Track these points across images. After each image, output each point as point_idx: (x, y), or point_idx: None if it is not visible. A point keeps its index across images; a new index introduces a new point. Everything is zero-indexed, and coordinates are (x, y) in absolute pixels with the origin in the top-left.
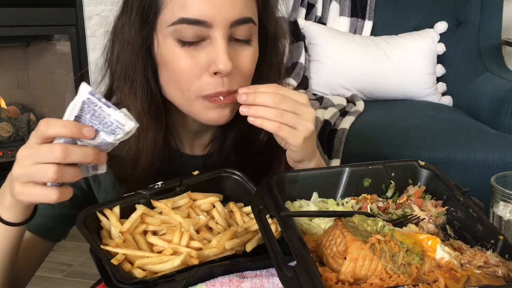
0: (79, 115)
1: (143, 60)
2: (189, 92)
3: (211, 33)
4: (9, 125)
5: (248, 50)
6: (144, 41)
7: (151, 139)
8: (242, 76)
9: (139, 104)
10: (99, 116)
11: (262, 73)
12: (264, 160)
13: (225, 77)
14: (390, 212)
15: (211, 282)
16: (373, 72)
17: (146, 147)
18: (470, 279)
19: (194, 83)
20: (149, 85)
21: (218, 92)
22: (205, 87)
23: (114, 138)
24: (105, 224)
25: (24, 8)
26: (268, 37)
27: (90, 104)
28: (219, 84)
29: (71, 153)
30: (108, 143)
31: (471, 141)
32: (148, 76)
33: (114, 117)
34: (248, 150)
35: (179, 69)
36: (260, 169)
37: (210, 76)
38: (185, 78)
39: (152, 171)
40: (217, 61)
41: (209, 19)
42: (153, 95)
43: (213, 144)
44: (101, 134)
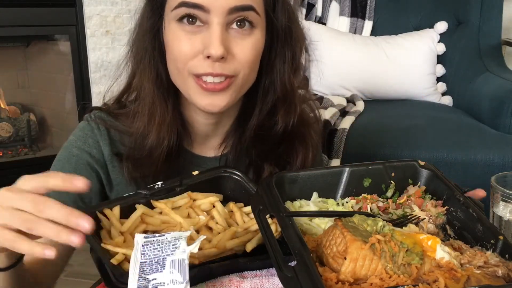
0: (143, 260)
1: (151, 43)
2: (183, 70)
3: (209, 18)
4: (9, 125)
5: (248, 38)
6: (153, 26)
7: (160, 116)
8: (240, 63)
9: (149, 83)
10: (159, 245)
11: (273, 65)
12: (282, 151)
13: (217, 62)
14: (390, 212)
15: (211, 282)
16: (373, 72)
17: (155, 123)
18: (470, 279)
19: (188, 63)
20: (157, 67)
21: (208, 72)
22: (197, 67)
23: (181, 251)
24: (105, 224)
25: (24, 8)
26: (277, 31)
27: (148, 243)
28: (209, 66)
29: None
30: (182, 259)
31: (471, 141)
32: (156, 58)
33: (171, 236)
34: (266, 143)
35: (178, 50)
36: (278, 162)
37: (203, 59)
38: (181, 58)
39: (161, 154)
40: (209, 45)
41: (207, 5)
42: (161, 77)
43: (226, 144)
44: (168, 259)
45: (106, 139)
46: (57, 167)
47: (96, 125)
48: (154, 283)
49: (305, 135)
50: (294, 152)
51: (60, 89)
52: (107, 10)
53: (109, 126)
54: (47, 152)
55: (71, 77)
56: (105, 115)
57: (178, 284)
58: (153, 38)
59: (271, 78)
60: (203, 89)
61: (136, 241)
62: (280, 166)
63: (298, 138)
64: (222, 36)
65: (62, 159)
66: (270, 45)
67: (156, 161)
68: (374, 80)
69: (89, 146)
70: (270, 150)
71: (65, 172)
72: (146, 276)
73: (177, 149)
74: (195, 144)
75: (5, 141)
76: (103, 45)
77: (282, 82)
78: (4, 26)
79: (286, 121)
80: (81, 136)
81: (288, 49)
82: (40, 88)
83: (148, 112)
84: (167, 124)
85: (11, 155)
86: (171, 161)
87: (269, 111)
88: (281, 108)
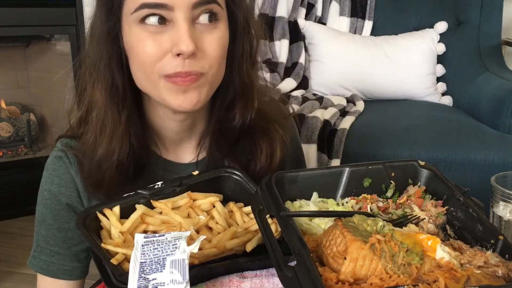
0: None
1: (107, 51)
2: (152, 74)
3: (173, 16)
4: (9, 125)
5: (214, 32)
6: (110, 31)
7: (111, 128)
8: (209, 59)
9: (103, 93)
10: (159, 244)
11: (234, 58)
12: (243, 147)
13: (187, 59)
14: (390, 212)
15: (211, 282)
16: (373, 72)
17: (104, 135)
18: (470, 279)
19: (156, 64)
20: (112, 76)
21: (177, 72)
22: (166, 67)
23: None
24: (105, 224)
25: (24, 8)
26: (237, 23)
27: (148, 243)
28: (179, 64)
29: None
30: (182, 259)
31: (471, 141)
32: (112, 66)
33: (171, 236)
34: (225, 139)
35: (144, 52)
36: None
37: (173, 57)
38: (149, 60)
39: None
40: (179, 42)
41: (169, 2)
42: (116, 86)
43: (202, 148)
44: (168, 259)
45: (76, 166)
46: (38, 214)
47: (64, 154)
48: (154, 283)
49: (269, 130)
50: (257, 147)
51: (60, 89)
52: None
53: (77, 152)
54: (47, 152)
55: (71, 77)
56: (70, 141)
57: (178, 284)
58: (109, 44)
59: (230, 71)
60: (176, 84)
61: (136, 241)
62: (242, 163)
63: (260, 133)
64: (190, 31)
65: (40, 203)
66: (231, 38)
67: (107, 176)
68: (374, 80)
69: (58, 185)
70: (229, 146)
71: (47, 220)
72: (146, 276)
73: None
74: (168, 150)
75: (5, 141)
76: None
77: (240, 76)
78: (4, 26)
79: (244, 116)
80: (48, 177)
81: (246, 42)
82: (40, 88)
83: (101, 124)
84: (118, 137)
85: (11, 155)
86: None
87: (227, 105)
88: (238, 102)
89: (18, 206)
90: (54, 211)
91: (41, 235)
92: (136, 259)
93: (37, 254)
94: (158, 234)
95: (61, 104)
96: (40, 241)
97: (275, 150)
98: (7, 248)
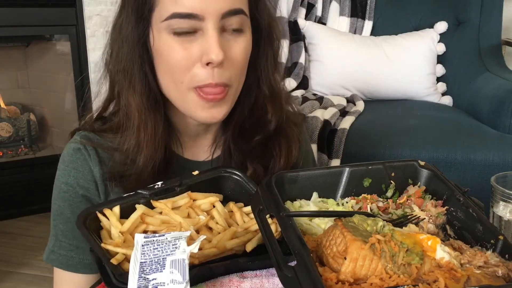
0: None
1: (140, 55)
2: (181, 84)
3: (204, 25)
4: (9, 125)
5: (240, 41)
6: (140, 36)
7: (151, 130)
8: (234, 68)
9: (138, 97)
10: (159, 244)
11: (257, 66)
12: (267, 149)
13: (216, 67)
14: (390, 212)
15: (211, 282)
16: (373, 72)
17: (147, 138)
18: (470, 279)
19: (186, 74)
20: (147, 79)
21: (208, 83)
22: (196, 78)
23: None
24: (105, 224)
25: (24, 8)
26: (261, 29)
27: (148, 243)
28: (209, 75)
29: None
30: (182, 259)
31: (471, 141)
32: (146, 70)
33: (171, 236)
34: (250, 142)
35: (173, 60)
36: (262, 160)
37: (202, 67)
38: (179, 68)
39: (152, 168)
40: (209, 51)
41: (200, 12)
42: (151, 89)
43: (217, 145)
44: (168, 259)
45: (95, 159)
46: (55, 208)
47: (83, 146)
48: (154, 283)
49: (287, 130)
50: (276, 148)
51: (60, 89)
52: (107, 10)
53: (96, 145)
54: (47, 152)
55: (71, 77)
56: (90, 134)
57: (178, 284)
58: (141, 49)
59: (254, 77)
60: (205, 100)
61: (136, 241)
62: (263, 164)
63: (279, 135)
64: (220, 40)
65: (57, 197)
66: (254, 44)
67: (150, 174)
68: (374, 80)
69: (76, 178)
70: (251, 148)
71: (65, 213)
72: (146, 276)
73: (168, 157)
74: (186, 148)
75: (5, 141)
76: (103, 45)
77: (267, 81)
78: (4, 26)
79: (277, 119)
80: (65, 170)
81: (270, 48)
82: (40, 88)
83: (138, 128)
84: (159, 138)
85: (11, 155)
86: (163, 170)
87: (258, 110)
88: (269, 107)
89: (18, 206)
90: (72, 204)
91: (59, 229)
92: (136, 259)
93: (57, 249)
94: (158, 234)
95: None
96: (59, 235)
97: (292, 149)
98: (7, 248)
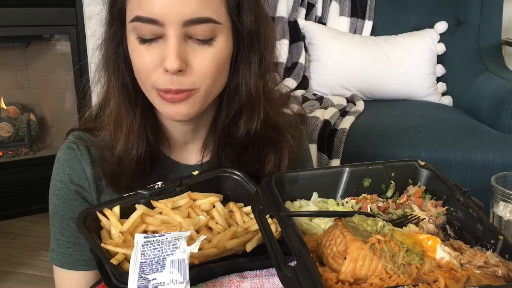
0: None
1: (114, 53)
2: (146, 84)
3: (165, 32)
4: (9, 125)
5: (207, 50)
6: (115, 35)
7: (127, 125)
8: (199, 75)
9: (115, 92)
10: (159, 244)
11: (239, 69)
12: (250, 157)
13: (175, 75)
14: (390, 212)
15: (211, 282)
16: (373, 72)
17: (123, 133)
18: (470, 279)
19: (149, 77)
20: (122, 76)
21: (167, 88)
22: (158, 82)
23: (181, 251)
24: (105, 224)
25: (24, 8)
26: (241, 35)
27: (148, 243)
28: (169, 81)
29: None
30: (182, 259)
31: (471, 141)
32: (121, 67)
33: (171, 236)
34: (232, 149)
35: (138, 63)
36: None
37: (163, 72)
38: (142, 71)
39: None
40: (165, 59)
41: (161, 18)
42: (127, 86)
43: (206, 151)
44: (168, 259)
45: (88, 158)
46: (51, 207)
47: (76, 146)
48: (154, 283)
49: (277, 139)
50: (265, 157)
51: (60, 89)
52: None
53: (89, 145)
54: (47, 152)
55: (71, 77)
56: (83, 134)
57: (178, 284)
58: (116, 47)
59: (235, 82)
60: (165, 100)
61: (136, 241)
62: (249, 171)
63: (267, 143)
64: (179, 48)
65: (52, 195)
66: (237, 49)
67: (128, 171)
68: (374, 80)
69: (70, 176)
70: (237, 154)
71: (60, 211)
72: (146, 276)
73: (151, 157)
74: (175, 151)
75: (5, 141)
76: None
77: (247, 87)
78: (4, 26)
79: (249, 126)
80: (60, 168)
81: (254, 53)
82: (40, 88)
83: (114, 122)
84: (135, 132)
85: (11, 155)
86: (146, 169)
87: (234, 115)
88: (244, 113)
89: (18, 206)
90: (67, 201)
91: (56, 228)
92: (136, 259)
93: (56, 247)
94: (158, 234)
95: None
96: (56, 233)
97: (283, 159)
98: (7, 248)
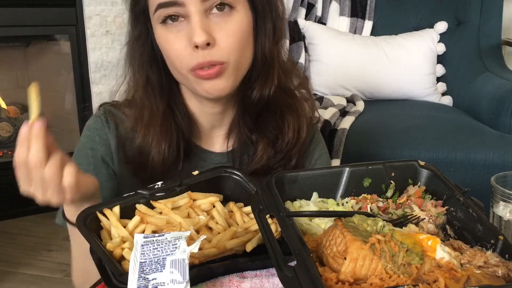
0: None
1: (139, 50)
2: (181, 69)
3: (187, 11)
4: (9, 125)
5: (229, 21)
6: (140, 33)
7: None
8: (228, 46)
9: (140, 87)
10: (159, 244)
11: (257, 38)
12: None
13: (205, 49)
14: (390, 212)
15: (211, 282)
16: (373, 72)
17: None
18: (470, 279)
19: (182, 59)
20: (147, 72)
21: (201, 62)
22: (191, 61)
23: (181, 251)
24: (105, 224)
25: (24, 8)
26: (256, 5)
27: (148, 243)
28: (199, 56)
29: None
30: (182, 259)
31: (471, 141)
32: (145, 66)
33: (170, 236)
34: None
35: (169, 49)
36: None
37: (192, 50)
38: (175, 56)
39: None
40: (193, 35)
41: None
42: (151, 82)
43: (231, 136)
44: (168, 259)
45: (114, 131)
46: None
47: (105, 118)
48: (154, 283)
49: (295, 106)
50: (284, 122)
51: (60, 89)
52: (107, 10)
53: (118, 121)
54: None
55: (71, 77)
56: (113, 108)
57: (178, 284)
58: (141, 45)
59: (253, 51)
60: (201, 77)
61: (136, 241)
62: (269, 137)
63: (283, 108)
64: (202, 22)
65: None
66: (254, 20)
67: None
68: (374, 80)
69: (98, 143)
70: (254, 120)
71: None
72: (146, 276)
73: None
74: (203, 138)
75: (5, 141)
76: (103, 45)
77: (262, 53)
78: (4, 26)
79: (262, 90)
80: (89, 136)
81: (268, 21)
82: (40, 88)
83: (140, 113)
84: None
85: (11, 155)
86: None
87: (247, 79)
88: (258, 77)
89: (18, 206)
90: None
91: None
92: (136, 259)
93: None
94: (158, 234)
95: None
96: None
97: (302, 125)
98: (7, 248)
